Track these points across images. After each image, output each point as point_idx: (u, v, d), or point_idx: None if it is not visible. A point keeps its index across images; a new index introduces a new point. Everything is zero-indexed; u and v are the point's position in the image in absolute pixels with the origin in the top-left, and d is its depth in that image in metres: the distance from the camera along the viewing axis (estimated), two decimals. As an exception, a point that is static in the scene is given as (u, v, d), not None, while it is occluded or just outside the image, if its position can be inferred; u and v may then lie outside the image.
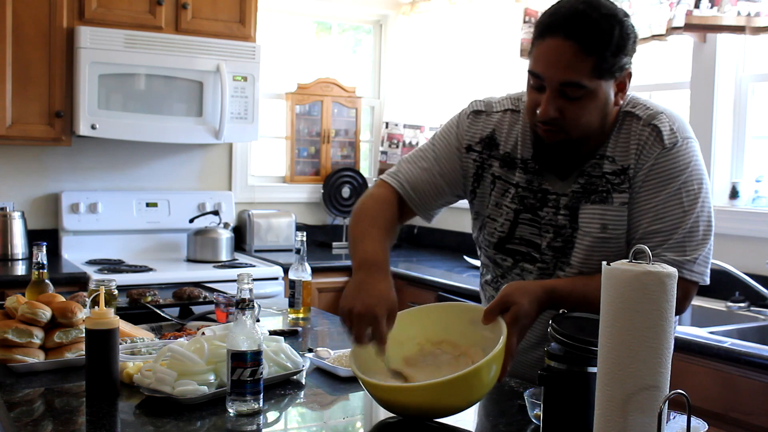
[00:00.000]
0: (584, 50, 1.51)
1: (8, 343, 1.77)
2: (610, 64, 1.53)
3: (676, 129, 1.61)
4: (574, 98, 1.55)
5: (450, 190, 1.80)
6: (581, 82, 1.53)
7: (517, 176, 1.73)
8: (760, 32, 2.88)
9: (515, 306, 1.52)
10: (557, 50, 1.53)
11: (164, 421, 1.46)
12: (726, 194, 3.16)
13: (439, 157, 1.79)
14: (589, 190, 1.65)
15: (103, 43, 3.53)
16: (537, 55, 1.57)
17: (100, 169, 4.00)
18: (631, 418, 1.14)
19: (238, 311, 1.48)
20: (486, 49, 4.18)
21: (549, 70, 1.55)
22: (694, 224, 1.60)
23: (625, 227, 1.63)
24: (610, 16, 1.53)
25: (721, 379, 2.26)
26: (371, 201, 1.80)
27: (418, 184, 1.78)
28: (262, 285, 3.57)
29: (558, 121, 1.58)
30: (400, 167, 1.83)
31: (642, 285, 1.13)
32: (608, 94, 1.58)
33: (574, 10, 1.53)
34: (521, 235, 1.74)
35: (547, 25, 1.55)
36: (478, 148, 1.77)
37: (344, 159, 4.71)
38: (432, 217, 1.85)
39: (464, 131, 1.79)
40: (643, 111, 1.64)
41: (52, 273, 3.01)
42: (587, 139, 1.63)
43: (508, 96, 1.80)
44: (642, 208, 1.61)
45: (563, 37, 1.52)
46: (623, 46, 1.54)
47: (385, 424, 1.50)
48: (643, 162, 1.61)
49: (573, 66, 1.52)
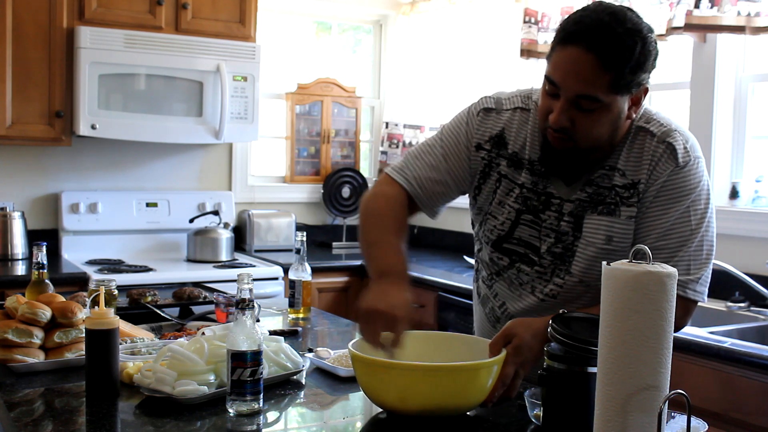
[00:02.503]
0: (604, 65, 1.49)
1: (8, 343, 1.77)
2: (628, 81, 1.52)
3: (689, 148, 1.62)
4: (587, 110, 1.54)
5: (456, 187, 1.79)
6: (597, 96, 1.52)
7: (523, 176, 1.72)
8: (760, 32, 2.88)
9: (516, 338, 1.54)
10: (577, 61, 1.50)
11: (164, 421, 1.46)
12: (726, 194, 3.15)
13: (448, 154, 1.77)
14: (596, 201, 1.65)
15: (103, 43, 3.53)
16: (556, 62, 1.55)
17: (100, 169, 4.00)
18: (631, 418, 1.15)
19: (238, 311, 1.48)
20: (486, 49, 4.18)
21: (566, 80, 1.53)
22: (699, 244, 1.61)
23: (630, 240, 1.63)
24: (635, 32, 1.50)
25: (721, 379, 2.26)
26: (383, 201, 1.76)
27: (426, 181, 1.76)
28: (262, 285, 3.57)
29: (568, 131, 1.57)
30: (407, 162, 1.80)
31: (642, 285, 1.13)
32: (622, 109, 1.56)
33: (599, 22, 1.49)
34: (520, 236, 1.73)
35: (571, 33, 1.52)
36: (487, 147, 1.76)
37: (344, 159, 4.71)
38: (437, 214, 1.84)
39: (474, 129, 1.77)
40: (657, 127, 1.63)
41: (52, 273, 3.01)
42: (596, 149, 1.62)
43: (519, 93, 1.78)
44: (651, 223, 1.62)
45: (585, 48, 1.49)
46: (643, 63, 1.52)
47: (379, 420, 1.50)
48: (655, 178, 1.61)
49: (591, 79, 1.50)
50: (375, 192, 1.80)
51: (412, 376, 1.42)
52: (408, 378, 1.42)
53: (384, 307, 1.50)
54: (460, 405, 1.47)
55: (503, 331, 1.57)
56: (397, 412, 1.48)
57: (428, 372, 1.42)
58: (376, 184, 1.83)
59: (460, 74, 4.31)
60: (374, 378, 1.47)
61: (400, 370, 1.43)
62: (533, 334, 1.55)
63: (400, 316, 1.50)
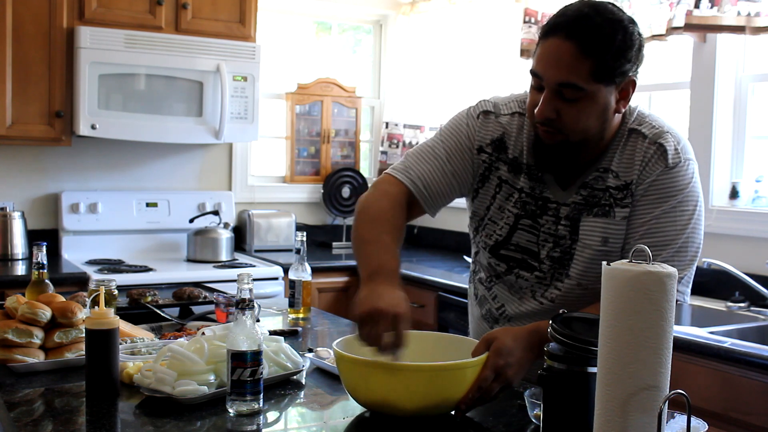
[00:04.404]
0: (583, 52, 1.51)
1: (8, 343, 1.77)
2: (610, 69, 1.53)
3: (680, 149, 1.63)
4: (571, 100, 1.55)
5: (459, 188, 1.79)
6: (578, 83, 1.53)
7: (521, 181, 1.73)
8: (760, 32, 2.88)
9: (497, 341, 1.52)
10: (557, 50, 1.53)
11: (164, 421, 1.46)
12: (726, 194, 3.15)
13: (451, 155, 1.76)
14: (591, 203, 1.66)
15: (103, 43, 3.53)
16: (539, 54, 1.58)
17: (100, 169, 4.00)
18: (631, 418, 1.14)
19: (238, 311, 1.48)
20: (486, 49, 4.18)
21: (548, 70, 1.55)
22: (684, 244, 1.61)
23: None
24: (615, 21, 1.53)
25: (721, 379, 2.26)
26: (384, 201, 1.73)
27: (431, 182, 1.75)
28: (262, 285, 3.57)
29: (555, 122, 1.58)
30: (408, 163, 1.78)
31: (642, 285, 1.13)
32: (608, 100, 1.57)
33: (579, 13, 1.53)
34: (518, 242, 1.74)
35: (552, 26, 1.55)
36: (488, 150, 1.76)
37: (344, 159, 4.71)
38: (436, 212, 1.83)
39: (475, 132, 1.77)
40: (649, 129, 1.64)
41: (52, 273, 3.01)
42: (586, 144, 1.63)
43: (515, 98, 1.79)
44: (636, 221, 1.63)
45: (564, 37, 1.52)
46: (625, 51, 1.53)
47: (365, 419, 1.50)
48: (644, 177, 1.62)
49: (571, 67, 1.52)
50: (375, 191, 1.77)
51: (396, 375, 1.42)
52: (391, 377, 1.43)
53: (385, 306, 1.45)
54: (443, 405, 1.47)
55: (484, 337, 1.56)
56: (382, 412, 1.48)
57: (408, 372, 1.43)
58: (376, 184, 1.80)
59: (460, 74, 4.31)
60: (355, 376, 1.48)
61: (382, 369, 1.43)
62: (513, 338, 1.54)
63: (402, 314, 1.46)
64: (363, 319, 1.47)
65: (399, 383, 1.43)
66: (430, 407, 1.46)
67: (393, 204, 1.73)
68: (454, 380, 1.45)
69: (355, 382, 1.49)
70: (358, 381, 1.48)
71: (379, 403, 1.47)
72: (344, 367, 1.50)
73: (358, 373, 1.47)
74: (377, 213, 1.71)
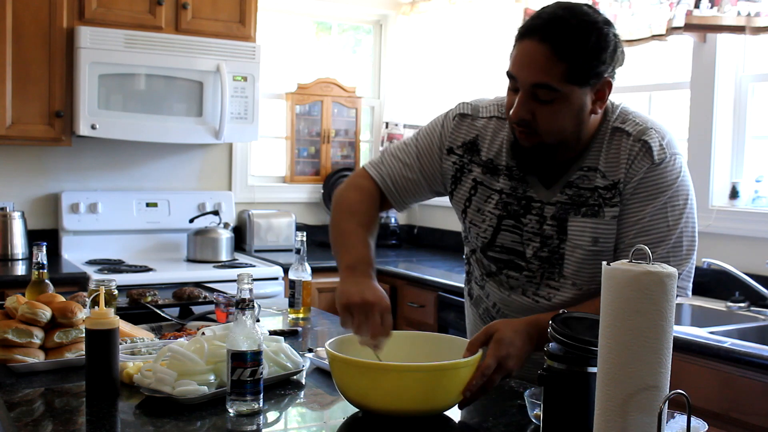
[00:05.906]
0: (557, 53, 1.52)
1: (8, 343, 1.77)
2: (584, 70, 1.53)
3: (665, 144, 1.63)
4: (545, 101, 1.56)
5: (429, 187, 1.85)
6: (552, 84, 1.53)
7: (501, 182, 1.74)
8: (760, 32, 2.88)
9: (498, 332, 1.54)
10: (532, 52, 1.54)
11: (164, 421, 1.46)
12: (726, 194, 3.15)
13: (421, 154, 1.83)
14: (579, 203, 1.66)
15: (103, 43, 3.53)
16: (514, 56, 1.60)
17: (100, 169, 4.00)
18: (631, 418, 1.15)
19: (238, 311, 1.48)
20: (486, 49, 4.18)
21: (522, 71, 1.57)
22: (678, 239, 1.62)
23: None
24: (589, 23, 1.53)
25: (721, 379, 2.27)
26: (357, 194, 1.83)
27: (399, 179, 1.83)
28: (262, 285, 3.57)
29: (530, 124, 1.59)
30: (383, 158, 1.87)
31: (642, 285, 1.13)
32: (583, 101, 1.58)
33: (553, 15, 1.54)
34: (502, 243, 1.74)
35: (527, 28, 1.57)
36: (459, 152, 1.79)
37: (344, 159, 4.71)
38: (406, 208, 1.91)
39: (448, 133, 1.82)
40: (632, 127, 1.64)
41: (52, 273, 3.01)
42: (564, 145, 1.63)
43: (496, 101, 1.81)
44: (628, 221, 1.63)
45: (539, 40, 1.53)
46: (599, 53, 1.53)
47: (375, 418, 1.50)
48: (632, 175, 1.62)
49: (544, 68, 1.53)
50: (350, 184, 1.87)
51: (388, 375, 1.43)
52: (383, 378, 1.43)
53: (373, 299, 1.55)
54: (432, 406, 1.47)
55: (484, 329, 1.57)
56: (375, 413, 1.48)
57: (400, 372, 1.43)
58: (352, 176, 1.89)
59: (460, 74, 4.31)
60: (347, 377, 1.48)
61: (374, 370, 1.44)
62: (514, 330, 1.55)
63: (388, 306, 1.56)
64: (353, 310, 1.55)
65: (390, 383, 1.43)
66: (422, 408, 1.46)
67: (366, 197, 1.82)
68: (447, 380, 1.45)
69: (347, 382, 1.49)
70: (350, 381, 1.48)
71: (371, 403, 1.47)
72: (337, 367, 1.50)
73: (350, 374, 1.48)
74: (353, 205, 1.81)
